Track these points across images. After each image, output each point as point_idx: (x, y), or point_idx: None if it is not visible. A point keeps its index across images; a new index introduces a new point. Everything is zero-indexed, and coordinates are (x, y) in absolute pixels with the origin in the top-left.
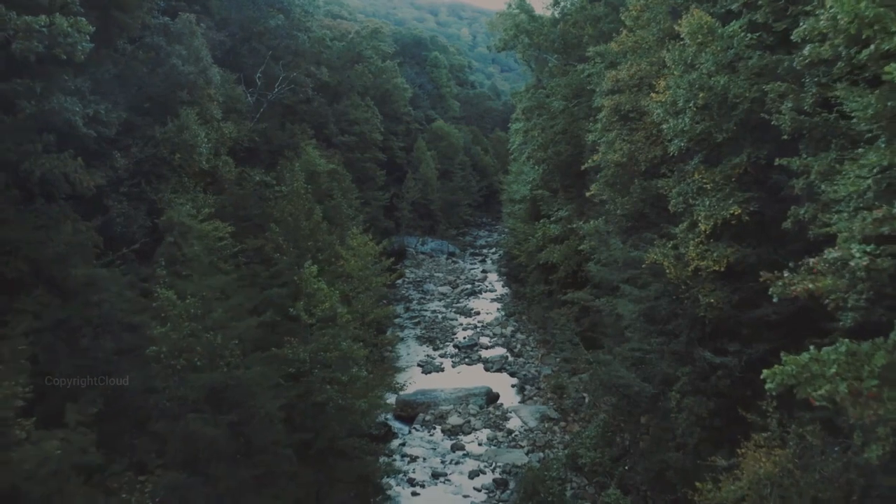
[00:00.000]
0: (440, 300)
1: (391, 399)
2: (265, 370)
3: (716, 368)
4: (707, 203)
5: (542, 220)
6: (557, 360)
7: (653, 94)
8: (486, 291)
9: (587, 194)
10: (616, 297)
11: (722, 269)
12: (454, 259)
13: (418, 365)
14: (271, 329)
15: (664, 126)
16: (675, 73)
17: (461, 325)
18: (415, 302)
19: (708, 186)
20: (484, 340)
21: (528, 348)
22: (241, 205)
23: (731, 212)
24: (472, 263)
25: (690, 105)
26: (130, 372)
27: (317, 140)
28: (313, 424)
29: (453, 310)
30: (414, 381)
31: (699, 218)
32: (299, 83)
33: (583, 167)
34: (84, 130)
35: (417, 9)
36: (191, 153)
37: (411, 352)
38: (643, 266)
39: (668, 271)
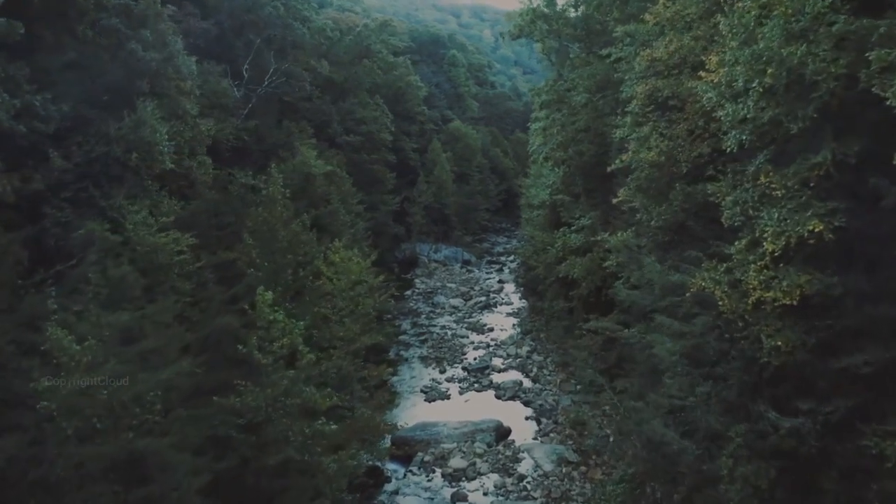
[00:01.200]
0: (451, 314)
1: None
2: (191, 431)
3: (778, 428)
4: (776, 215)
5: (562, 229)
6: (577, 387)
7: (702, 73)
8: (501, 304)
9: (614, 201)
10: (650, 329)
11: (794, 302)
12: (469, 268)
13: (422, 391)
14: (220, 369)
15: (720, 113)
16: (731, 44)
17: (472, 343)
18: (423, 316)
19: (778, 193)
20: (496, 362)
21: (545, 372)
22: (217, 211)
23: (811, 227)
24: (487, 272)
25: (755, 85)
26: (18, 431)
27: (319, 140)
28: (270, 487)
29: (464, 325)
30: (415, 413)
31: (765, 235)
32: (296, 77)
33: (609, 169)
34: (8, 124)
35: (439, 10)
36: (149, 152)
37: (415, 374)
38: (686, 294)
39: (720, 302)
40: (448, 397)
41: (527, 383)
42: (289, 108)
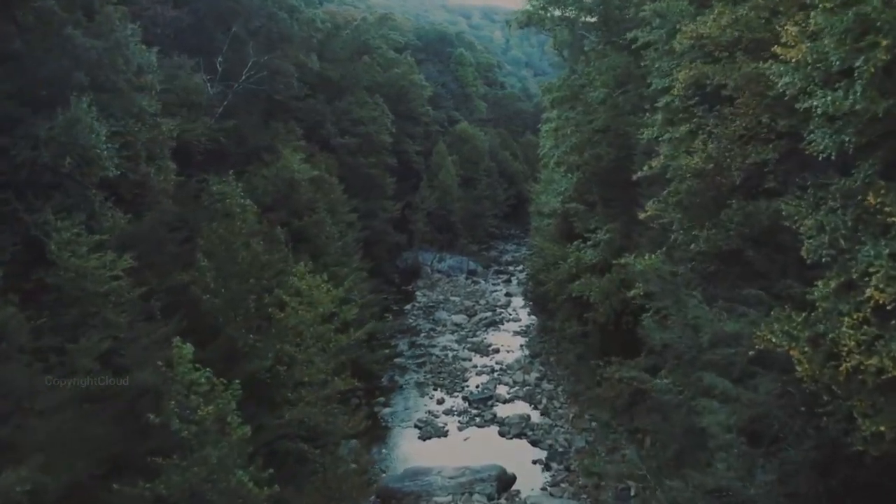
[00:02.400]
0: (453, 333)
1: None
2: None
3: None
4: (886, 251)
5: (575, 242)
6: (592, 424)
7: (777, 49)
8: (508, 321)
9: (641, 216)
10: (690, 381)
11: None
12: (474, 278)
13: (416, 426)
14: (136, 439)
15: (808, 103)
16: (825, 5)
17: (475, 367)
18: (423, 335)
19: None
20: (501, 390)
21: (555, 404)
22: (175, 225)
23: None
24: (494, 283)
25: (861, 65)
26: None
27: (311, 142)
28: None
29: (467, 346)
30: (406, 453)
31: (869, 278)
32: (282, 73)
33: (634, 177)
34: None
35: (449, 11)
36: (85, 156)
37: (410, 405)
38: (750, 353)
39: (798, 366)
40: (445, 434)
41: (535, 417)
42: (280, 107)
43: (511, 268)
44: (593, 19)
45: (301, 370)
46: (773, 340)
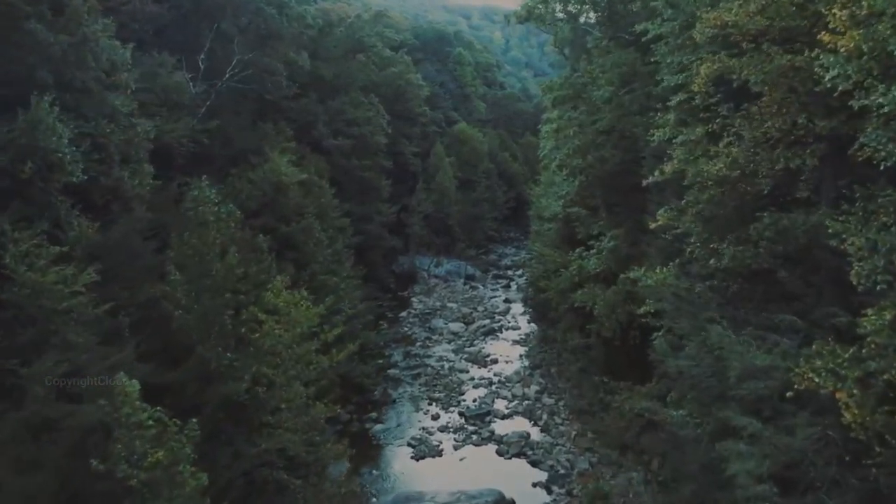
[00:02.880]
0: (449, 342)
1: None
2: None
3: None
4: None
5: (577, 250)
6: (596, 443)
7: (823, 36)
8: (507, 329)
9: (652, 225)
10: (705, 412)
11: None
12: (473, 283)
13: (409, 444)
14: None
15: (876, 101)
16: None
17: (472, 379)
18: (418, 344)
19: None
20: (499, 405)
21: (556, 420)
22: (151, 233)
23: None
24: (493, 289)
25: None
26: None
27: (301, 143)
28: None
29: (464, 356)
30: (399, 472)
31: None
32: (271, 71)
33: (645, 182)
34: None
35: (449, 12)
36: (47, 160)
37: (403, 421)
38: (789, 394)
39: (844, 410)
40: (440, 454)
41: (535, 435)
42: (269, 107)
43: (510, 272)
44: (596, 14)
45: (279, 394)
46: (816, 380)
